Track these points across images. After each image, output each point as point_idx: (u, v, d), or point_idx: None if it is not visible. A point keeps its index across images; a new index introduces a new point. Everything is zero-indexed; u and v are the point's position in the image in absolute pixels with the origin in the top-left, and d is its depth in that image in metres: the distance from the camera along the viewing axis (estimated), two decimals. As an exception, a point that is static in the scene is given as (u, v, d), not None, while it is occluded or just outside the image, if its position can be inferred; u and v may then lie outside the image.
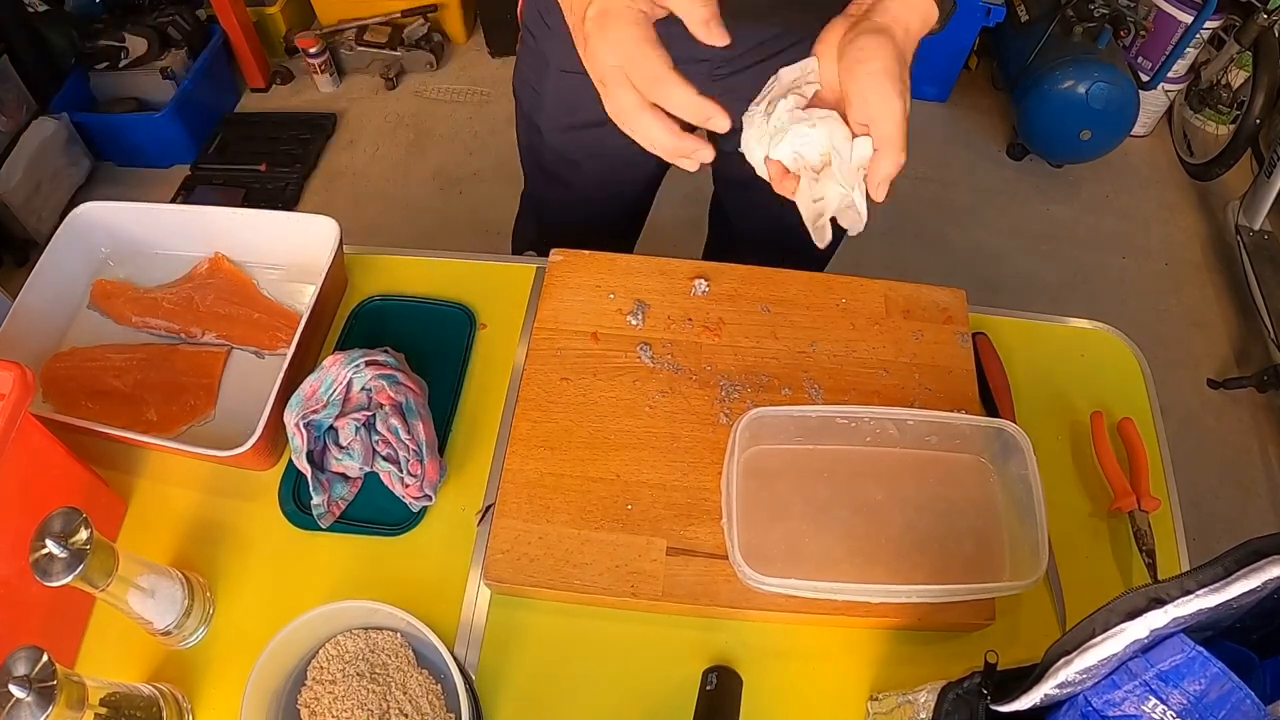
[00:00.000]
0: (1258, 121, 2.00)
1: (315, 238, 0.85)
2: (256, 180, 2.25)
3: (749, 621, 0.72)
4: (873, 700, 0.68)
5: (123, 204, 0.89)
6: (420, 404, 0.77)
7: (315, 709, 0.65)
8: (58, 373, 0.84)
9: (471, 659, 0.71)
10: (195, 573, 0.72)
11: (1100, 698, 0.44)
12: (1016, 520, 0.72)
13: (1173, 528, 0.80)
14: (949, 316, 0.86)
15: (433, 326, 0.88)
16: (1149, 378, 0.89)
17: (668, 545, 0.72)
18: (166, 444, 0.74)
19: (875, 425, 0.75)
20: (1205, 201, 2.30)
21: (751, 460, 0.76)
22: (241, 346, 0.87)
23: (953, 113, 2.46)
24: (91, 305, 0.90)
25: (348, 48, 2.47)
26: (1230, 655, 0.40)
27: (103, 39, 2.17)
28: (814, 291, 0.87)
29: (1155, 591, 0.41)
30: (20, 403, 0.61)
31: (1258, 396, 1.92)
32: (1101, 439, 0.81)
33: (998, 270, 2.11)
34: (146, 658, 0.70)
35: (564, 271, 0.88)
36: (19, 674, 0.52)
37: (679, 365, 0.82)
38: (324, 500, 0.74)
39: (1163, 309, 2.09)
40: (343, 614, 0.66)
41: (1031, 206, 2.26)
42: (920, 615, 0.70)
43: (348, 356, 0.75)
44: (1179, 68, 2.23)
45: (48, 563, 0.56)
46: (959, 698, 0.54)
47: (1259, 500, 1.80)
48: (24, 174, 1.99)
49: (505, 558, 0.72)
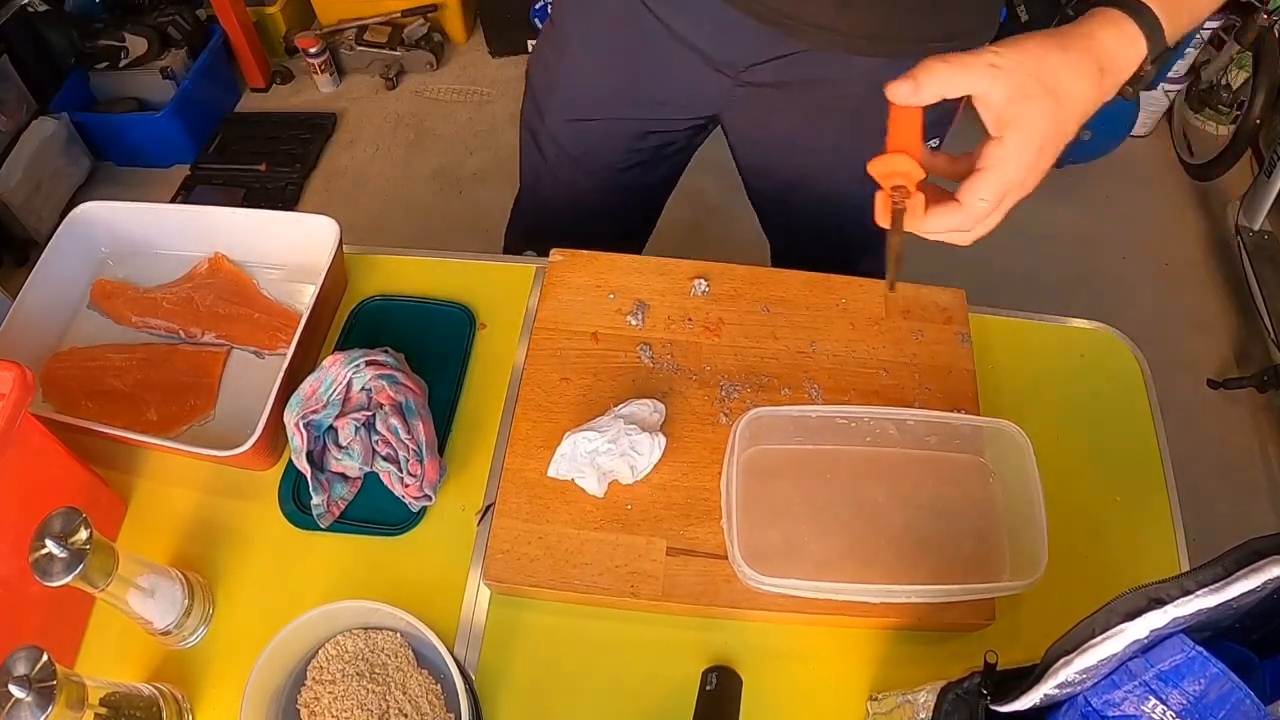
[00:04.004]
0: (1258, 121, 1.99)
1: (315, 238, 0.85)
2: (256, 180, 2.25)
3: (749, 621, 0.72)
4: (873, 700, 0.68)
5: (123, 204, 0.89)
6: (420, 404, 0.77)
7: (315, 709, 0.65)
8: (58, 373, 0.84)
9: (471, 659, 0.71)
10: (195, 573, 0.72)
11: (1100, 698, 0.44)
12: (1016, 520, 0.72)
13: (1173, 528, 0.80)
14: (949, 316, 0.86)
15: (433, 326, 0.88)
16: (1149, 378, 0.89)
17: (668, 545, 0.72)
18: (166, 444, 0.74)
19: (875, 425, 0.75)
20: (1205, 201, 2.30)
21: (751, 460, 0.76)
22: (241, 346, 0.87)
23: (953, 113, 2.46)
24: (91, 305, 0.90)
25: (348, 48, 2.47)
26: (1230, 655, 0.40)
27: (103, 39, 2.17)
28: (814, 291, 0.87)
29: (1155, 591, 0.41)
30: (20, 403, 0.61)
31: (1258, 396, 1.91)
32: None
33: (998, 270, 2.10)
34: (146, 658, 0.70)
35: (564, 271, 0.88)
36: (19, 674, 0.52)
37: (679, 365, 0.82)
38: (324, 500, 0.74)
39: (1163, 309, 2.09)
40: (342, 614, 0.66)
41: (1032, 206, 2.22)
42: (920, 615, 0.70)
43: (348, 356, 0.75)
44: (1179, 68, 2.23)
45: (48, 563, 0.56)
46: (959, 698, 0.54)
47: (1259, 500, 1.80)
48: (24, 174, 1.99)
49: (505, 558, 0.72)
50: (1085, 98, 0.54)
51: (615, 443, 0.72)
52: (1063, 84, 0.53)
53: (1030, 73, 0.52)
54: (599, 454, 0.72)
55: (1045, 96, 0.52)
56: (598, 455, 0.72)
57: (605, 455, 0.72)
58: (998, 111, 0.53)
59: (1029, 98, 0.52)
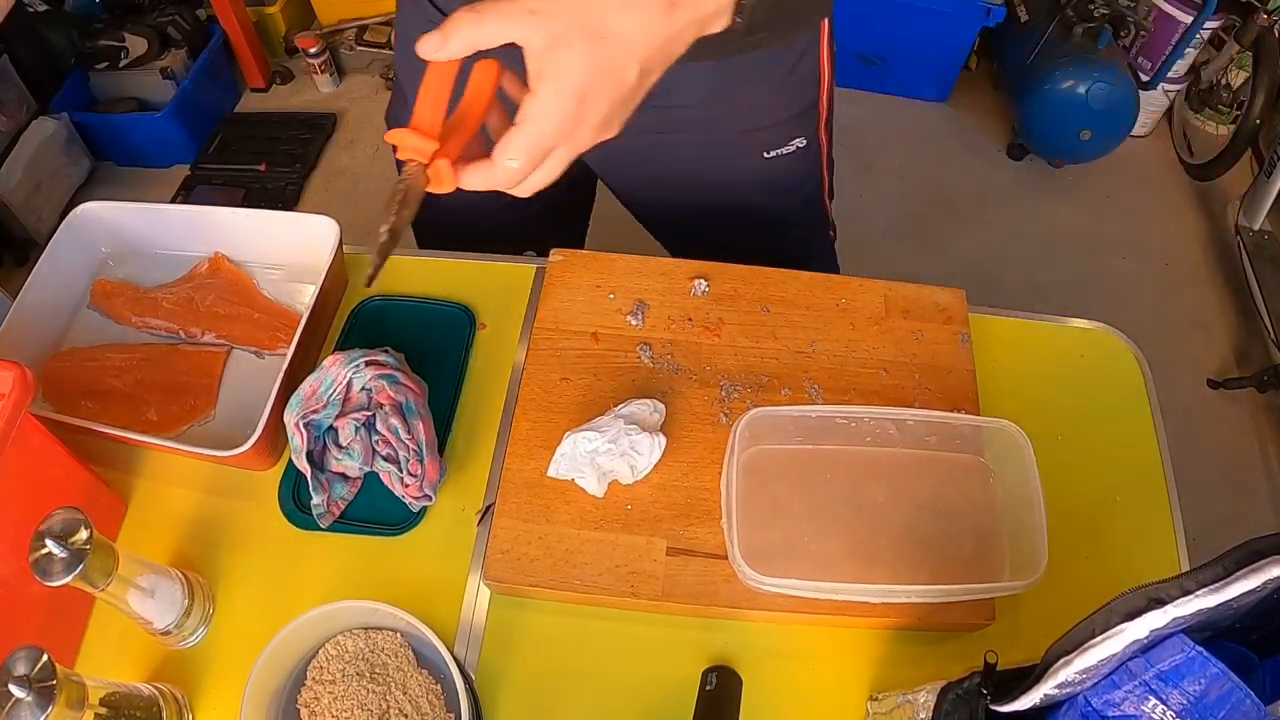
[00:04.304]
0: (1258, 121, 1.99)
1: (315, 238, 0.85)
2: (256, 180, 2.25)
3: (749, 621, 0.72)
4: (873, 700, 0.69)
5: (123, 204, 0.89)
6: (420, 404, 0.77)
7: (315, 709, 0.65)
8: (58, 373, 0.84)
9: (471, 659, 0.71)
10: (195, 573, 0.72)
11: (1100, 698, 0.44)
12: (1016, 520, 0.72)
13: (1173, 528, 0.80)
14: (949, 317, 0.86)
15: (433, 326, 0.88)
16: (1149, 378, 0.89)
17: (668, 545, 0.72)
18: (166, 444, 0.74)
19: (875, 425, 0.75)
20: (1205, 201, 2.30)
21: (751, 460, 0.76)
22: (241, 346, 0.87)
23: (953, 113, 2.46)
24: (91, 305, 0.90)
25: (348, 48, 2.47)
26: (1230, 655, 0.40)
27: (103, 39, 2.17)
28: (814, 291, 0.87)
29: (1155, 591, 0.41)
30: (20, 403, 0.61)
31: (1258, 396, 1.91)
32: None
33: (998, 270, 2.11)
34: (146, 658, 0.71)
35: (564, 271, 0.88)
36: (19, 674, 0.52)
37: (679, 365, 0.82)
38: (324, 500, 0.74)
39: (1163, 309, 2.09)
40: (342, 614, 0.66)
41: (1031, 206, 2.26)
42: (920, 615, 0.70)
43: (348, 356, 0.75)
44: (1179, 68, 2.23)
45: (48, 563, 0.56)
46: (959, 698, 0.54)
47: (1259, 500, 1.80)
48: (24, 174, 1.99)
49: (505, 558, 0.72)
50: (645, 34, 0.49)
51: (615, 443, 0.72)
52: (611, 24, 0.48)
53: (572, 17, 0.47)
54: (599, 454, 0.72)
55: (586, 41, 0.48)
56: (598, 455, 0.72)
57: (605, 455, 0.72)
58: (536, 62, 0.48)
59: (566, 44, 0.48)
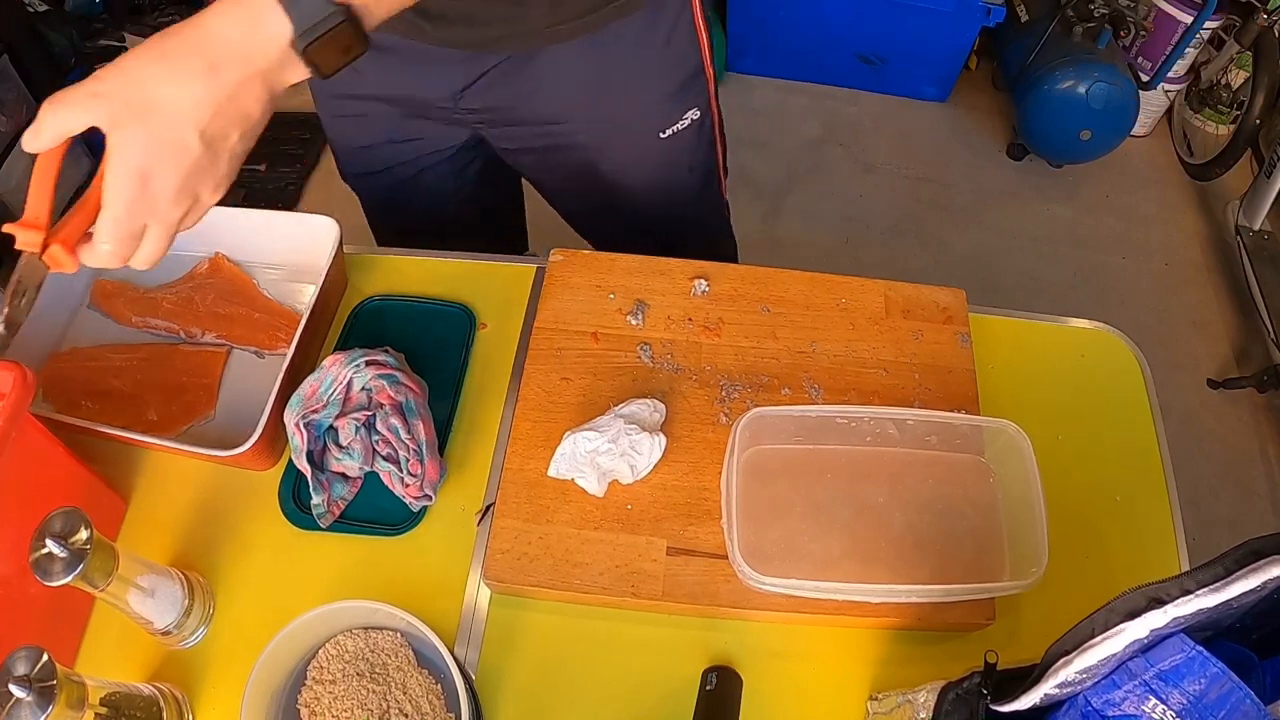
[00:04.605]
0: (1258, 121, 1.99)
1: (315, 238, 0.85)
2: (256, 180, 2.25)
3: (749, 621, 0.72)
4: (873, 700, 0.69)
5: (123, 204, 0.89)
6: (420, 404, 0.77)
7: (315, 709, 0.65)
8: (58, 373, 0.84)
9: (471, 659, 0.71)
10: (195, 573, 0.72)
11: (1100, 697, 0.44)
12: (1016, 520, 0.72)
13: (1173, 528, 0.80)
14: (949, 316, 0.86)
15: (433, 326, 0.88)
16: (1149, 378, 0.89)
17: (668, 545, 0.72)
18: (166, 444, 0.74)
19: (875, 425, 0.75)
20: (1205, 201, 2.30)
21: (751, 460, 0.76)
22: (241, 346, 0.87)
23: (953, 113, 2.45)
24: (91, 305, 0.90)
25: (348, 48, 2.47)
26: (1230, 655, 0.40)
27: (103, 39, 2.17)
28: (814, 291, 0.87)
29: (1155, 591, 0.41)
30: (20, 403, 0.61)
31: (1258, 396, 1.91)
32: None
33: (998, 270, 2.10)
34: (146, 658, 0.71)
35: (564, 271, 0.88)
36: (19, 674, 0.52)
37: (679, 365, 0.82)
38: (324, 500, 0.74)
39: (1163, 309, 2.09)
40: (343, 614, 0.66)
41: (1031, 206, 2.25)
42: (920, 615, 0.70)
43: (348, 356, 0.75)
44: (1179, 68, 2.23)
45: (48, 563, 0.56)
46: (959, 698, 0.54)
47: (1259, 500, 1.80)
48: (24, 174, 1.98)
49: (505, 557, 0.72)
50: (194, 101, 0.49)
51: (615, 442, 0.72)
52: (159, 97, 0.48)
53: (123, 98, 0.48)
54: (599, 454, 0.72)
55: (137, 119, 0.48)
56: (598, 455, 0.72)
57: (605, 455, 0.72)
58: (108, 143, 0.49)
59: (122, 124, 0.48)
